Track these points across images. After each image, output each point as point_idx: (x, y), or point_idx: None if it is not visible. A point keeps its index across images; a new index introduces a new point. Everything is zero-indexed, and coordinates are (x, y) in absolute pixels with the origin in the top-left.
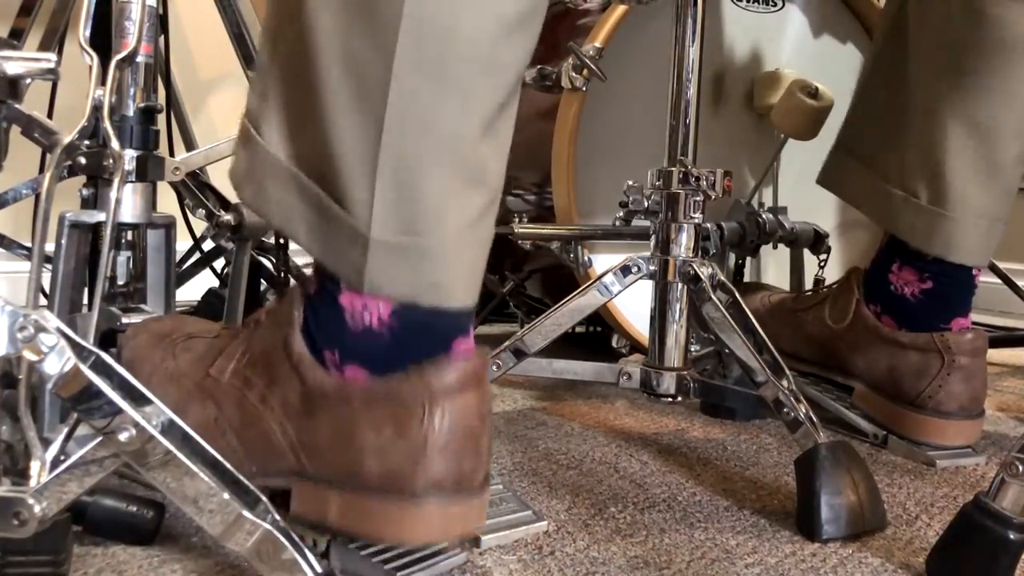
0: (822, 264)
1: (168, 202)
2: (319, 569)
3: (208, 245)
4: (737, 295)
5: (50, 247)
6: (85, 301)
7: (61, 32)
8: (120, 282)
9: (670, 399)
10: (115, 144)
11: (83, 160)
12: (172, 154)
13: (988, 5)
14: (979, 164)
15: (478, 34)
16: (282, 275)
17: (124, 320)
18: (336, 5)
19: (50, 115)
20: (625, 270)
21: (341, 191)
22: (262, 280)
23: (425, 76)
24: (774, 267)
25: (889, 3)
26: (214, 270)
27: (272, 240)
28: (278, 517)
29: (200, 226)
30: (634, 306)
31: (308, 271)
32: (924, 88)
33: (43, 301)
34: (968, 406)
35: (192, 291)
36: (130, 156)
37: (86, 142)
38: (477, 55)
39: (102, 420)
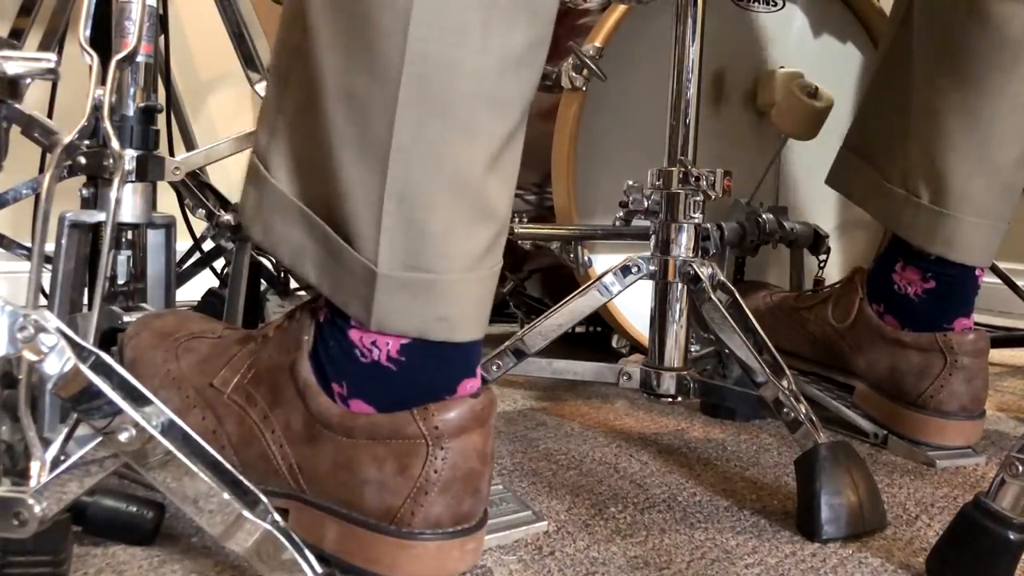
0: (822, 264)
1: (168, 202)
2: (319, 569)
3: (208, 245)
4: (737, 295)
5: (50, 247)
6: (85, 301)
7: (61, 32)
8: (120, 281)
9: (670, 399)
10: (115, 144)
11: (83, 160)
12: (172, 154)
13: (991, 3)
14: (980, 164)
15: (482, 70)
16: (282, 275)
17: (125, 318)
18: (338, 43)
19: (50, 115)
20: (625, 270)
21: (348, 228)
22: (262, 280)
23: (429, 113)
24: (774, 267)
25: (897, 3)
26: (214, 270)
27: None
28: (278, 517)
29: (200, 226)
30: (634, 306)
31: None
32: (927, 87)
33: (43, 301)
34: (969, 406)
35: (192, 291)
36: (130, 156)
37: (86, 142)
38: (481, 90)
39: (102, 420)
